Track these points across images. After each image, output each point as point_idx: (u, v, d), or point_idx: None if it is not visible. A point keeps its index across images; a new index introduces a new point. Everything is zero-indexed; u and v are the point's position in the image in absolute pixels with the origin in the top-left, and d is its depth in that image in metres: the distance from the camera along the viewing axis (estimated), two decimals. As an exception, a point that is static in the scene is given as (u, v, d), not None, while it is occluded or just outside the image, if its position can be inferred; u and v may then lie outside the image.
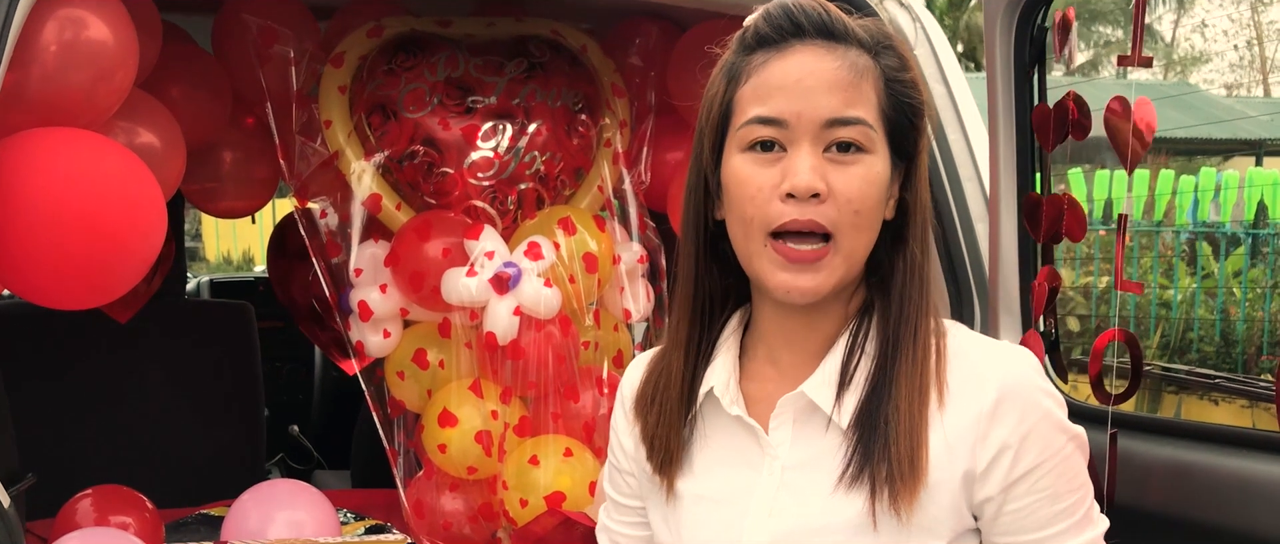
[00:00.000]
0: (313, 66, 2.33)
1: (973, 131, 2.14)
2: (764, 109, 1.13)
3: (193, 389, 2.96)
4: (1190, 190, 9.17)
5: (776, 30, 1.15)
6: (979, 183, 2.12)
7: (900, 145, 1.17)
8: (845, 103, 1.12)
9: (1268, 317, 7.63)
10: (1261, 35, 24.50)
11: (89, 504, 2.20)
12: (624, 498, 1.36)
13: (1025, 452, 1.12)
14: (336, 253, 2.27)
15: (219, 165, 2.56)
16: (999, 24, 1.88)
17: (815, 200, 1.11)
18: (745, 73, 1.16)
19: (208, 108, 2.35)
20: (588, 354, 2.22)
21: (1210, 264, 8.44)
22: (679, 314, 1.26)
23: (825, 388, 1.17)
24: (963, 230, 2.11)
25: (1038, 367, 1.17)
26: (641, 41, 2.50)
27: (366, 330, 2.22)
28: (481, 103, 2.27)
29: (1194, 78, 24.60)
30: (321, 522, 2.18)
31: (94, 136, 1.66)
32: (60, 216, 1.58)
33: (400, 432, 2.30)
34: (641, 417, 1.29)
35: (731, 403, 1.22)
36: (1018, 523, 1.14)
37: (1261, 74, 24.56)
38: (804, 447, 1.19)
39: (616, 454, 1.36)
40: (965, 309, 2.09)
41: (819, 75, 1.12)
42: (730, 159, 1.16)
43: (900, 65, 1.17)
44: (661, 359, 1.29)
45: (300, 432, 3.89)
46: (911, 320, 1.16)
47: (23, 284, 1.61)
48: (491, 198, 2.26)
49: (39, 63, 1.66)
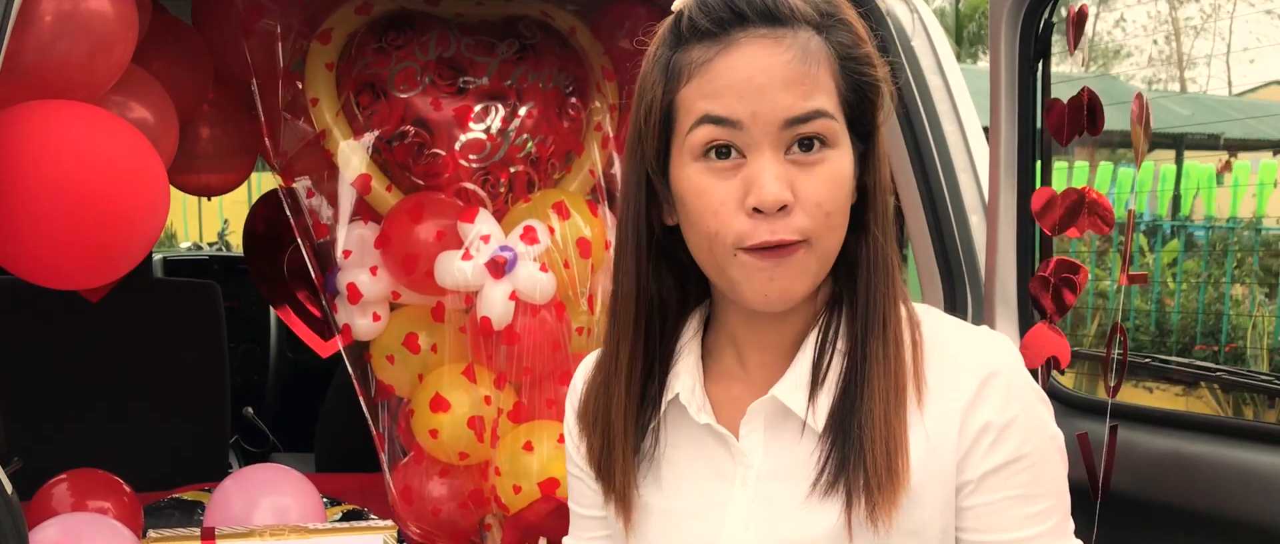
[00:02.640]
0: (299, 42, 2.27)
1: (969, 125, 2.15)
2: (715, 106, 1.04)
3: (159, 370, 2.90)
4: (1128, 183, 9.38)
5: (715, 21, 1.05)
6: (974, 175, 2.13)
7: (859, 127, 1.09)
8: (802, 96, 1.03)
9: (1201, 307, 7.84)
10: (1178, 31, 25.06)
11: (65, 489, 2.14)
12: (588, 510, 1.28)
13: (1006, 438, 1.07)
14: (323, 234, 2.22)
15: (195, 141, 2.49)
16: (1005, 18, 1.89)
17: (783, 213, 1.03)
18: (685, 71, 1.06)
19: (189, 82, 2.29)
20: (581, 339, 2.21)
21: (1146, 257, 8.65)
22: (618, 331, 1.16)
23: (797, 391, 1.11)
24: (957, 224, 2.12)
25: (1019, 355, 1.12)
26: (630, 25, 2.48)
27: (355, 313, 2.18)
28: (473, 83, 2.24)
29: (1114, 71, 25.08)
30: (307, 507, 2.14)
31: (97, 110, 1.61)
32: (66, 192, 1.53)
33: (385, 415, 2.27)
34: (587, 436, 1.21)
35: (698, 410, 1.14)
36: (986, 520, 1.09)
37: (1178, 70, 25.14)
38: (778, 454, 1.12)
39: (574, 460, 1.26)
40: (959, 301, 2.10)
41: (771, 71, 1.03)
42: (682, 168, 1.07)
43: (852, 41, 1.08)
44: (599, 376, 1.20)
45: (255, 414, 3.82)
46: (879, 311, 1.10)
47: (24, 261, 1.55)
48: (483, 180, 2.23)
49: (35, 34, 1.61)
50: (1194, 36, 25.38)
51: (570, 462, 1.28)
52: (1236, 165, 10.33)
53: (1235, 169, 10.00)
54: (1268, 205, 9.42)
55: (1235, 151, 13.29)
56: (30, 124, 1.55)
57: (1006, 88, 1.91)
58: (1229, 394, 6.03)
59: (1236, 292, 8.24)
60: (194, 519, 2.38)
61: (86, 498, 2.12)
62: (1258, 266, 8.38)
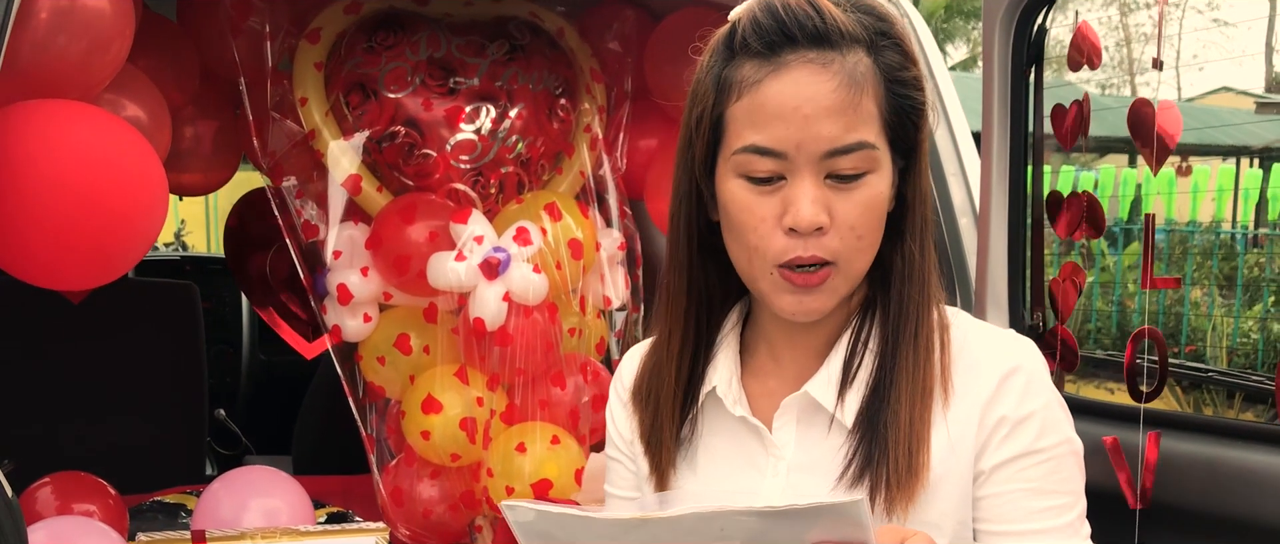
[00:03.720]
0: (287, 41, 2.26)
1: (958, 128, 2.18)
2: (761, 138, 1.08)
3: (137, 371, 2.86)
4: (1087, 186, 9.52)
5: (767, 44, 1.09)
6: (963, 179, 2.16)
7: (901, 145, 1.13)
8: (846, 128, 1.08)
9: (1161, 309, 7.96)
10: (1129, 37, 25.45)
11: (49, 492, 2.11)
12: (624, 491, 1.33)
13: (1021, 431, 1.11)
14: (312, 234, 2.20)
15: (179, 140, 2.46)
16: (998, 24, 1.92)
17: (818, 233, 1.09)
18: (736, 88, 1.10)
19: (175, 81, 2.27)
20: (573, 341, 2.21)
21: (1106, 259, 8.78)
22: (671, 317, 1.23)
23: (828, 387, 1.17)
24: (947, 227, 2.15)
25: (1041, 357, 1.16)
26: (618, 27, 2.49)
27: (345, 314, 2.16)
28: (464, 84, 2.23)
29: (1069, 76, 25.39)
30: (297, 509, 2.12)
31: (96, 110, 1.59)
32: (65, 192, 1.51)
33: (374, 417, 2.26)
34: (639, 413, 1.28)
35: (734, 403, 1.20)
36: (998, 509, 1.12)
37: (1129, 75, 25.53)
38: (809, 447, 1.18)
39: (616, 444, 1.33)
40: (949, 301, 2.12)
41: (817, 101, 1.07)
42: (727, 179, 1.13)
43: (901, 62, 1.11)
44: (653, 359, 1.27)
45: (227, 416, 3.78)
46: (911, 318, 1.15)
47: (23, 262, 1.53)
48: (474, 181, 2.22)
49: (32, 32, 1.58)
50: (1145, 43, 25.79)
51: (611, 444, 1.34)
52: (1196, 170, 10.51)
53: (1195, 173, 10.18)
54: (1225, 209, 9.59)
55: (1187, 156, 13.52)
56: (29, 123, 1.53)
57: (999, 92, 1.93)
58: (1189, 395, 6.13)
59: (1195, 294, 8.39)
60: (178, 522, 2.36)
61: (71, 501, 2.10)
62: (1217, 270, 8.54)
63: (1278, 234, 9.61)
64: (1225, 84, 22.77)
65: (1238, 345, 7.80)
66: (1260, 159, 14.42)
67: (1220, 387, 5.73)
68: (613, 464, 1.35)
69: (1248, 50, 36.73)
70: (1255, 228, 10.77)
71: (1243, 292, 8.22)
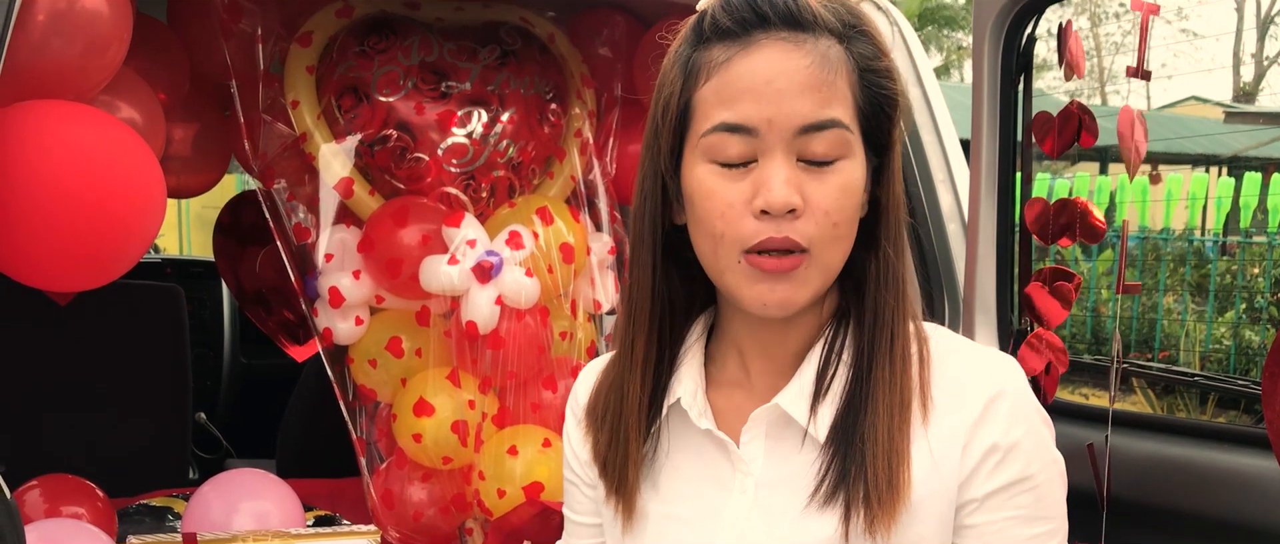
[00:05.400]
0: (278, 45, 2.26)
1: (946, 134, 2.20)
2: (731, 114, 1.04)
3: (122, 374, 2.85)
4: (1063, 193, 9.57)
5: (738, 21, 1.04)
6: (951, 185, 2.18)
7: (875, 140, 1.09)
8: (819, 104, 1.03)
9: (1135, 316, 8.04)
10: (1099, 47, 25.67)
11: (38, 495, 2.10)
12: (582, 517, 1.27)
13: (1012, 459, 1.07)
14: (304, 236, 2.21)
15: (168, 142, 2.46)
16: (988, 32, 1.94)
17: (790, 216, 1.03)
18: (705, 69, 1.05)
19: (165, 83, 2.26)
20: (564, 344, 2.22)
21: (1080, 266, 8.85)
22: (633, 328, 1.16)
23: (800, 400, 1.10)
24: (935, 234, 2.17)
25: (1024, 376, 1.12)
26: (608, 32, 2.50)
27: (336, 317, 2.16)
28: (456, 88, 2.24)
29: (1040, 83, 25.59)
30: (287, 512, 2.12)
31: (93, 111, 1.59)
32: (63, 194, 1.51)
33: (364, 420, 2.26)
34: (593, 434, 1.20)
35: (700, 416, 1.14)
36: (987, 539, 1.08)
37: (1099, 83, 25.75)
38: (778, 463, 1.12)
39: (572, 466, 1.26)
40: (938, 311, 2.15)
41: (790, 75, 1.03)
42: (693, 167, 1.07)
43: (873, 52, 1.07)
44: (612, 375, 1.19)
45: (208, 419, 3.77)
46: (887, 326, 1.09)
47: (20, 263, 1.52)
48: (465, 185, 2.23)
49: (29, 33, 1.58)
50: (1114, 52, 26.04)
51: (567, 467, 1.27)
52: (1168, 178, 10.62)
53: (1167, 182, 10.27)
54: (1197, 218, 9.69)
55: (1156, 164, 13.66)
56: (26, 124, 1.52)
57: (989, 100, 1.96)
58: (1163, 400, 6.21)
59: (1168, 300, 8.47)
60: (165, 525, 2.35)
61: (60, 503, 2.09)
62: (1189, 277, 8.62)
63: (1249, 242, 9.72)
64: (1194, 94, 22.99)
65: (1210, 352, 7.89)
66: (1229, 168, 14.58)
67: (1192, 389, 5.80)
68: (569, 488, 1.28)
69: (1217, 60, 37.15)
70: (1226, 236, 10.88)
71: (1215, 299, 8.31)
